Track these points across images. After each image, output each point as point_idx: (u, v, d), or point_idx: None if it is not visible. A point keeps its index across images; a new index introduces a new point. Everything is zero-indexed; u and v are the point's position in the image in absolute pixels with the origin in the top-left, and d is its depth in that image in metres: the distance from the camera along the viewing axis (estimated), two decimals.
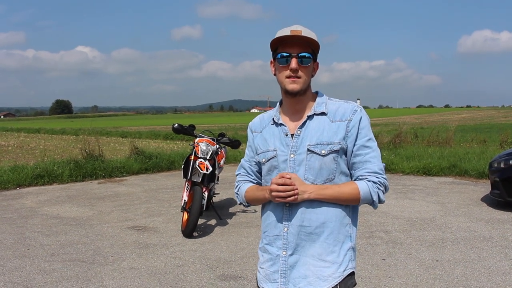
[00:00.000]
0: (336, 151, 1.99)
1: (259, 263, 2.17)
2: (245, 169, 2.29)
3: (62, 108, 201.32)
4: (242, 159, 2.33)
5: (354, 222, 2.10)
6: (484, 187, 9.46)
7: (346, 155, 2.03)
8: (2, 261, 5.22)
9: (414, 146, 15.25)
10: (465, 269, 4.87)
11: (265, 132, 2.16)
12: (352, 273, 2.05)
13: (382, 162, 2.06)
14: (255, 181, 2.26)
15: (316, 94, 2.14)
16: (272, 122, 2.15)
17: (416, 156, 12.87)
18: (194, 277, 4.75)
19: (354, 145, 2.01)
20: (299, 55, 1.99)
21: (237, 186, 2.30)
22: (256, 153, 2.19)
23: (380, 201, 2.04)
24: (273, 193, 1.94)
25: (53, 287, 4.48)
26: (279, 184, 1.93)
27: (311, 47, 2.02)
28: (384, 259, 5.21)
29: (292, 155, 2.02)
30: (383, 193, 2.03)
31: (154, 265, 5.11)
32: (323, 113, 2.05)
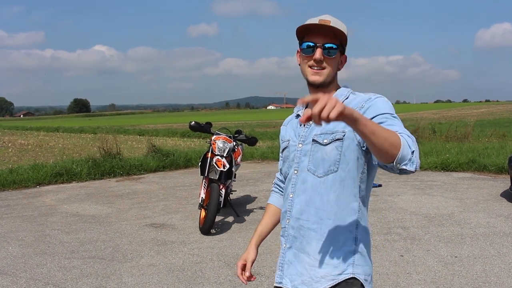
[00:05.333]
0: (339, 140, 1.83)
1: None
2: (280, 171, 2.22)
3: (80, 106, 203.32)
4: None
5: (363, 225, 1.91)
6: (503, 182, 9.34)
7: (357, 147, 1.81)
8: (23, 258, 5.30)
9: (432, 142, 15.11)
10: (484, 265, 4.82)
11: (289, 125, 2.11)
12: (353, 279, 1.84)
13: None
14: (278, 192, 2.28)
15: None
16: (295, 115, 2.08)
17: (434, 151, 12.75)
18: (212, 273, 4.78)
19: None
20: (325, 45, 1.88)
21: (272, 188, 2.34)
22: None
23: (417, 163, 1.57)
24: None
25: (73, 283, 4.55)
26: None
27: (338, 38, 1.90)
28: (402, 256, 5.18)
29: (300, 145, 1.95)
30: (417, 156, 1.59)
31: (172, 262, 5.15)
32: None
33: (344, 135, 1.82)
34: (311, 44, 1.89)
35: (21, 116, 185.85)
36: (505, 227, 6.19)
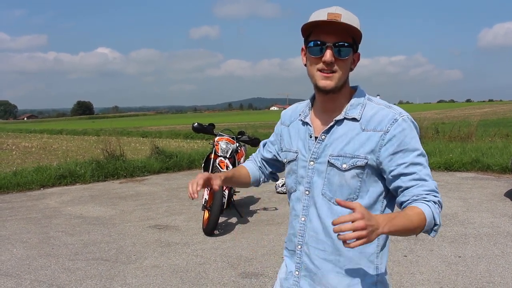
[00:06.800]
0: (360, 167, 1.64)
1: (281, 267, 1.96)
2: (262, 156, 2.08)
3: (84, 109, 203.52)
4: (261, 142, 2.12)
5: (383, 251, 1.74)
6: (507, 182, 9.33)
7: (377, 173, 1.67)
8: (28, 260, 5.32)
9: (435, 142, 15.11)
10: (488, 265, 4.82)
11: (291, 127, 1.86)
12: None
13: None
14: (254, 163, 2.09)
15: (355, 90, 1.75)
16: (299, 118, 1.83)
17: (438, 151, 12.74)
18: (216, 274, 4.79)
19: (394, 163, 1.62)
20: (336, 44, 1.61)
21: (250, 159, 2.16)
22: (281, 149, 1.93)
23: (438, 230, 1.63)
24: (340, 237, 1.36)
25: (77, 285, 4.56)
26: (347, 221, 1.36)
27: (351, 35, 1.64)
28: (406, 256, 5.18)
29: (311, 163, 1.72)
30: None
31: (176, 263, 5.16)
32: (354, 119, 1.68)
33: (366, 162, 1.64)
34: (319, 42, 1.63)
35: (25, 118, 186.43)
36: (509, 227, 6.18)
